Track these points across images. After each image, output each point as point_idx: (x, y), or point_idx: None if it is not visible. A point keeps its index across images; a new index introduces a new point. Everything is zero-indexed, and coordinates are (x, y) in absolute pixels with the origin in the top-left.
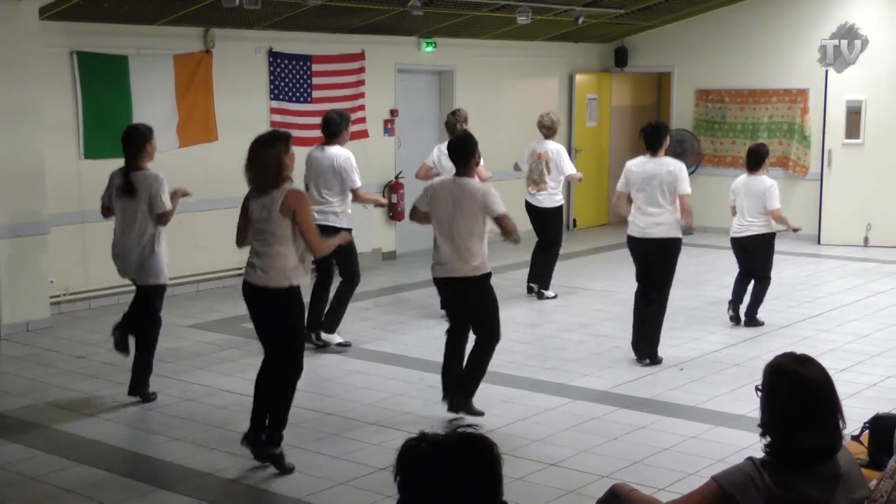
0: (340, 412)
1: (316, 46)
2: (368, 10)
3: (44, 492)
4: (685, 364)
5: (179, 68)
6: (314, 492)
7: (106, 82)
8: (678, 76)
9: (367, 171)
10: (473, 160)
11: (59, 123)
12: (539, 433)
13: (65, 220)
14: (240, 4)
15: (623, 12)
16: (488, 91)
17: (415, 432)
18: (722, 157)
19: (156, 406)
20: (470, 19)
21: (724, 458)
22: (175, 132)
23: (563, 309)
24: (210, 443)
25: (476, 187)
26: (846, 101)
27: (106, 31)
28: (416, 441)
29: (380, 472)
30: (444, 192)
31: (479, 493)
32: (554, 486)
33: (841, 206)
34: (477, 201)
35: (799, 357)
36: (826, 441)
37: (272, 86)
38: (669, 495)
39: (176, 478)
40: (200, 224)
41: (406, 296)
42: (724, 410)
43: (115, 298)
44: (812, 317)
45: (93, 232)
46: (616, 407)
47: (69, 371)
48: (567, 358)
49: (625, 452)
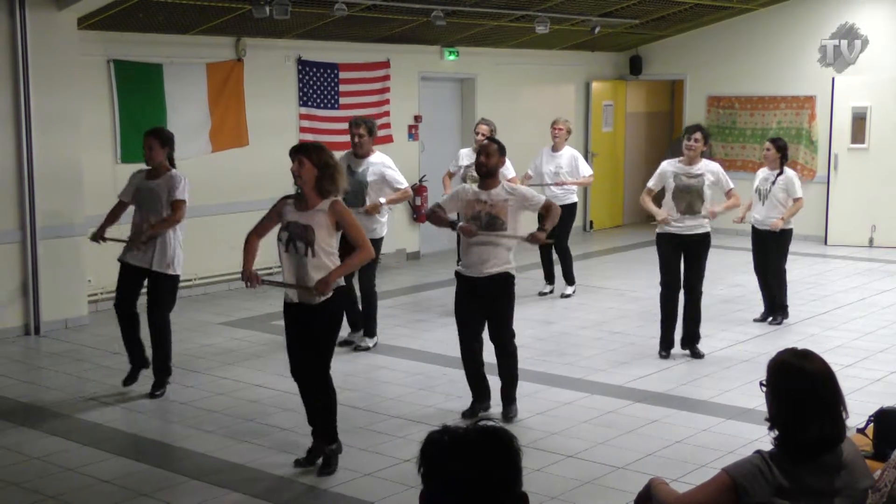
0: (366, 406)
1: (343, 55)
2: (393, 20)
3: (81, 483)
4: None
5: (212, 76)
6: (342, 482)
7: (141, 89)
8: (690, 83)
9: None
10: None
11: (96, 129)
12: (557, 426)
13: (101, 221)
14: (270, 15)
15: (637, 22)
16: (508, 98)
17: (437, 426)
18: (733, 160)
19: (189, 400)
20: (491, 29)
21: (735, 450)
22: (208, 137)
23: (580, 307)
24: (241, 435)
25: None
26: (852, 107)
27: (141, 41)
28: (439, 434)
29: (404, 464)
30: None
31: (499, 484)
32: (571, 476)
33: (847, 208)
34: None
35: (801, 352)
36: (830, 432)
37: (301, 93)
38: (682, 486)
39: (208, 469)
40: (231, 225)
41: (429, 294)
42: (734, 404)
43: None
44: (819, 314)
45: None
46: (631, 401)
47: (106, 366)
48: (583, 354)
49: (639, 445)
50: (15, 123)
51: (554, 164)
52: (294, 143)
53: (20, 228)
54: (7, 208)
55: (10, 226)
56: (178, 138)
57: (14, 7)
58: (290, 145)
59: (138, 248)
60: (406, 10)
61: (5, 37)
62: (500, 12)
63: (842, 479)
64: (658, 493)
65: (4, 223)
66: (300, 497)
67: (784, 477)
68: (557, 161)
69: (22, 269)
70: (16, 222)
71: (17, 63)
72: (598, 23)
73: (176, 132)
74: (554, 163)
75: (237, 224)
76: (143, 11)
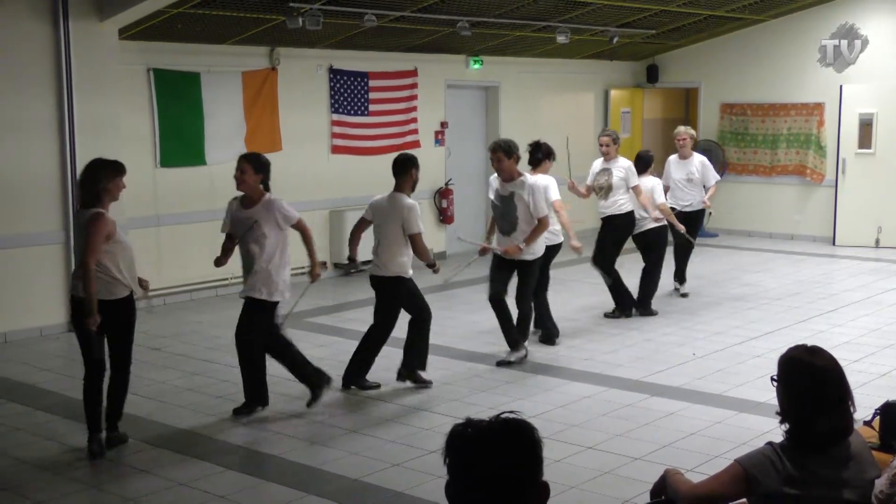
0: (395, 399)
1: (372, 64)
2: (420, 30)
3: (119, 472)
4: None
5: (247, 84)
6: (371, 472)
7: (179, 97)
8: (705, 91)
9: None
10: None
11: (136, 135)
12: (576, 419)
13: (141, 223)
14: (303, 25)
15: (654, 33)
16: (530, 105)
17: (461, 418)
18: (745, 165)
19: (224, 394)
20: (514, 39)
21: (747, 441)
22: (243, 143)
23: (600, 305)
24: (276, 427)
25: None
26: (859, 114)
27: (179, 50)
28: (463, 426)
29: (430, 455)
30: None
31: (520, 474)
32: (590, 467)
33: (854, 210)
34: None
35: (810, 348)
36: (838, 425)
37: (332, 100)
38: (697, 476)
39: (245, 459)
40: None
41: (455, 293)
42: (746, 398)
43: (188, 295)
44: (827, 312)
45: (166, 234)
46: (647, 395)
47: (145, 361)
48: (602, 350)
49: (655, 436)
50: (59, 130)
51: (685, 170)
52: (326, 148)
53: (63, 230)
54: (51, 211)
55: (54, 227)
56: (214, 143)
57: (58, 19)
58: (322, 150)
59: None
60: (433, 20)
61: (50, 47)
62: (522, 23)
63: (850, 469)
64: (673, 483)
65: (48, 225)
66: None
67: (794, 468)
68: (688, 168)
69: (65, 269)
70: (59, 224)
71: (61, 72)
72: (617, 33)
73: (212, 138)
74: (685, 169)
75: None
76: (182, 23)
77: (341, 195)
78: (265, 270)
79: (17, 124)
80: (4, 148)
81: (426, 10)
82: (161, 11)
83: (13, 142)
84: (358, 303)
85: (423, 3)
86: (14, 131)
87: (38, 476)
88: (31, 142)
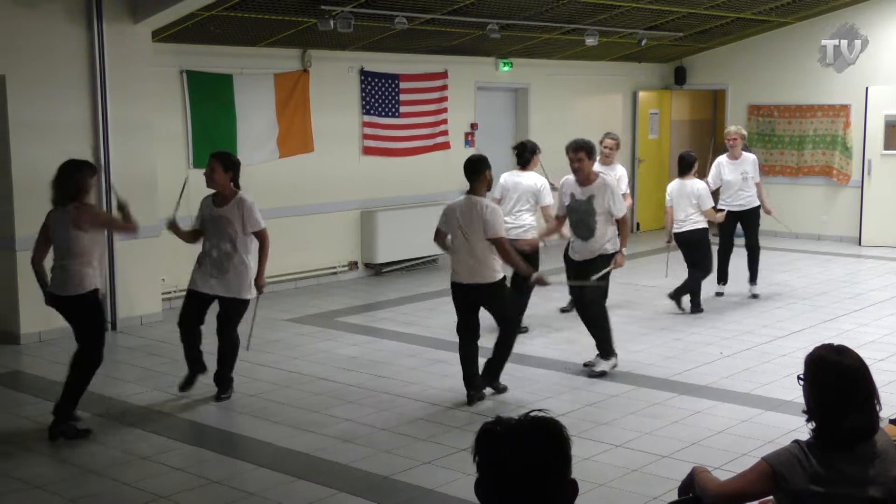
0: (425, 398)
1: (403, 66)
2: (451, 32)
3: (154, 470)
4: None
5: (279, 86)
6: (402, 470)
7: (212, 99)
8: (732, 93)
9: (449, 179)
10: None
11: (169, 136)
12: (605, 417)
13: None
14: (334, 28)
15: (682, 35)
16: (559, 107)
17: (491, 417)
18: (772, 166)
19: (257, 392)
20: (543, 41)
21: (774, 439)
22: (275, 144)
23: (627, 304)
24: (305, 426)
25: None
26: (884, 115)
27: (212, 52)
28: (493, 424)
29: (461, 453)
30: None
31: (549, 472)
32: (619, 465)
33: (880, 210)
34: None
35: (837, 348)
36: (864, 423)
37: (363, 102)
38: (724, 474)
39: (275, 457)
40: (298, 227)
41: None
42: (772, 396)
43: None
44: (853, 311)
45: None
46: (675, 393)
47: (178, 360)
48: (630, 349)
49: (683, 435)
50: (93, 131)
51: (739, 170)
52: (357, 149)
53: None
54: None
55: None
56: (247, 145)
57: (92, 21)
58: (353, 152)
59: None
60: (463, 23)
61: (84, 49)
62: (551, 25)
63: (875, 467)
64: (701, 481)
65: None
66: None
67: (820, 465)
68: (742, 167)
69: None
70: None
71: (95, 74)
72: (645, 35)
73: (245, 139)
74: (739, 169)
75: (302, 226)
76: (215, 25)
77: (372, 196)
78: (238, 267)
79: (51, 126)
80: (39, 149)
81: (456, 13)
82: (194, 14)
83: (48, 143)
84: (388, 302)
85: (453, 6)
86: (49, 133)
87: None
88: (65, 143)
